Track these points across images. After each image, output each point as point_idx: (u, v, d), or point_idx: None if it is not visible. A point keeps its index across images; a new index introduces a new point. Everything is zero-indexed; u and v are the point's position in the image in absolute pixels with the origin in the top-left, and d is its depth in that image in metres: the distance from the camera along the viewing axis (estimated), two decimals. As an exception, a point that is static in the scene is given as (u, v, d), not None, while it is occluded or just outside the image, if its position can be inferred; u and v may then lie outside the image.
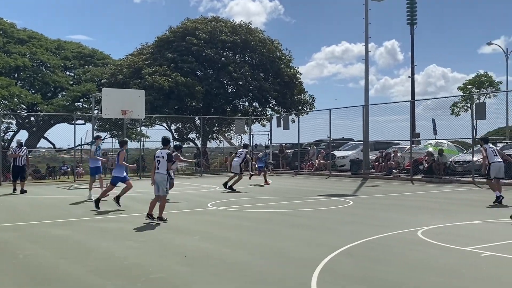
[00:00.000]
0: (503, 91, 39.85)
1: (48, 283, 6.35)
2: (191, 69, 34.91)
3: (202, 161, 31.88)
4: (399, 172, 24.81)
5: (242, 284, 6.10)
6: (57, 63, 42.47)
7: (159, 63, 34.58)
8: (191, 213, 12.63)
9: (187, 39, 35.35)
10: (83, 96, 41.76)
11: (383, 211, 12.87)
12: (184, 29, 36.53)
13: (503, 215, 11.54)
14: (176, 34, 36.50)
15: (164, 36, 37.25)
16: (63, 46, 44.82)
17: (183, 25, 37.36)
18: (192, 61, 35.04)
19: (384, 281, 6.10)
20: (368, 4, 25.06)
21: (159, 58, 35.29)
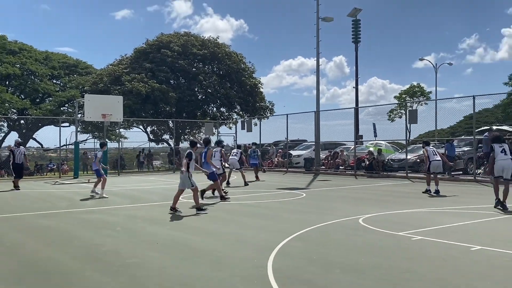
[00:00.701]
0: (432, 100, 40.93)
1: (32, 267, 6.16)
2: (166, 78, 34.58)
3: (175, 159, 31.53)
4: (345, 168, 25.11)
5: (206, 267, 6.05)
6: (45, 72, 41.69)
7: (137, 72, 34.11)
8: (164, 206, 12.46)
9: (162, 51, 35.00)
10: (68, 101, 41.26)
11: (330, 201, 12.99)
12: (159, 42, 36.15)
13: (432, 204, 11.83)
14: (152, 46, 36.09)
15: (141, 48, 36.78)
16: (51, 57, 44.01)
17: (159, 38, 36.99)
18: (167, 71, 34.72)
19: (330, 262, 6.15)
20: (319, 24, 25.29)
21: (137, 68, 34.82)
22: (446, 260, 6.19)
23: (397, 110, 51.78)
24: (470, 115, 23.94)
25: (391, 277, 5.48)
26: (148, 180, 22.68)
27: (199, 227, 9.00)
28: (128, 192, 16.48)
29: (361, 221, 9.37)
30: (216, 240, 7.72)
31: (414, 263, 6.07)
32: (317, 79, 26.39)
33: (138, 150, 35.43)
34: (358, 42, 40.38)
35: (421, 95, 55.57)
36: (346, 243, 7.35)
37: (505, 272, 5.59)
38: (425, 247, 6.97)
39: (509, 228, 8.48)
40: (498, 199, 10.87)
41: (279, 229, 8.59)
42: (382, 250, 6.82)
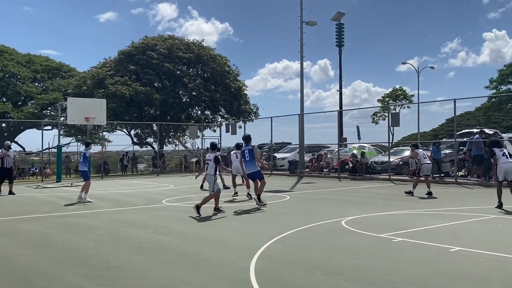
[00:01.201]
0: (415, 103, 41.39)
1: (15, 271, 6.11)
2: (150, 80, 34.46)
3: (159, 162, 31.41)
4: (328, 171, 25.28)
5: (189, 270, 6.06)
6: (27, 75, 41.26)
7: (122, 74, 33.93)
8: (147, 209, 12.42)
9: (148, 53, 34.87)
10: (51, 104, 40.83)
11: (314, 204, 13.08)
12: (145, 45, 36.01)
13: (413, 207, 11.98)
14: (138, 48, 35.92)
15: (126, 50, 36.58)
16: (33, 60, 43.61)
17: (144, 41, 36.84)
18: (152, 74, 34.59)
19: (311, 264, 6.21)
20: (303, 28, 25.47)
21: (121, 70, 34.61)
22: (426, 261, 6.29)
23: (380, 113, 52.36)
24: (452, 118, 24.31)
25: (372, 278, 5.56)
26: (132, 183, 22.56)
27: (182, 231, 9.00)
28: (111, 195, 16.38)
29: (343, 223, 9.45)
30: (198, 243, 7.74)
31: (395, 264, 6.16)
32: (301, 82, 26.57)
33: (122, 153, 35.21)
34: (341, 46, 40.73)
35: (404, 98, 56.26)
36: (328, 245, 7.42)
37: (482, 272, 5.70)
38: (405, 249, 7.07)
39: (487, 229, 8.64)
40: (500, 202, 11.10)
41: (262, 232, 8.62)
42: (363, 252, 6.90)
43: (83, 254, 7.09)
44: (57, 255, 7.07)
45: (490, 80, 55.35)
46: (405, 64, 50.13)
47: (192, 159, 35.55)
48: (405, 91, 57.64)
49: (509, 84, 54.61)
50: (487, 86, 55.75)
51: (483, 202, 12.56)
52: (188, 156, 36.80)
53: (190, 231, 8.96)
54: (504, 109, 53.74)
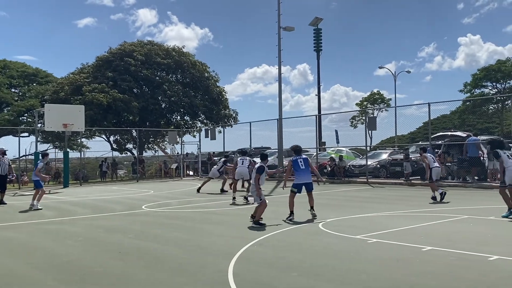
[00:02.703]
0: (392, 107, 42.10)
1: (-8, 280, 6.12)
2: (129, 87, 34.28)
3: (139, 168, 31.28)
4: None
5: (168, 273, 6.16)
6: (2, 81, 40.67)
7: (99, 81, 33.69)
8: (127, 215, 12.44)
9: (125, 59, 34.70)
10: (27, 111, 40.24)
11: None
12: (122, 51, 35.83)
13: (389, 208, 12.24)
14: (115, 55, 35.73)
15: (104, 56, 36.35)
16: (9, 65, 42.98)
17: (122, 47, 36.64)
18: (130, 80, 34.42)
19: (288, 266, 6.37)
20: (281, 33, 25.75)
21: (99, 77, 34.36)
22: (399, 261, 6.50)
23: (359, 117, 53.04)
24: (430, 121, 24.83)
25: (346, 278, 5.74)
26: (111, 189, 22.45)
27: (161, 235, 9.07)
28: (90, 202, 16.31)
29: (321, 225, 9.64)
30: (178, 247, 7.83)
31: (369, 265, 6.36)
32: (279, 87, 26.83)
33: (101, 159, 34.93)
34: (319, 51, 41.23)
35: (382, 102, 57.08)
36: (305, 247, 7.59)
37: (453, 271, 5.93)
38: (380, 249, 7.29)
39: (459, 229, 8.92)
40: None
41: (241, 235, 8.76)
42: (339, 253, 7.09)
43: (63, 260, 7.12)
44: (37, 261, 7.09)
45: (464, 84, 56.60)
46: (382, 68, 50.83)
47: (172, 164, 35.48)
48: (382, 95, 58.55)
49: (483, 87, 55.93)
50: (461, 90, 56.99)
51: (457, 203, 12.92)
52: (168, 161, 36.72)
53: (170, 236, 9.04)
54: (478, 112, 54.99)
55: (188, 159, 35.28)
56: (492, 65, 54.68)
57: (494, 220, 9.86)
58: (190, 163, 35.80)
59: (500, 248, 7.05)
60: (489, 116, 56.76)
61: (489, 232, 8.57)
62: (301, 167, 11.49)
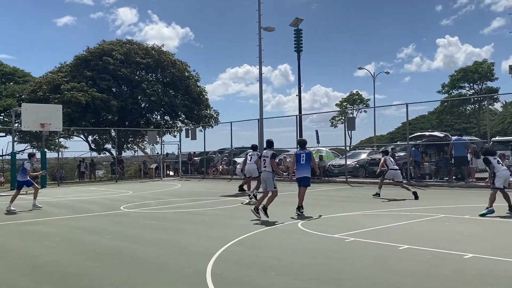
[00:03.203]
0: (371, 107, 42.53)
1: (-35, 283, 6.00)
2: (108, 86, 33.95)
3: (118, 168, 30.99)
4: (288, 174, 25.57)
5: (144, 274, 6.12)
6: (-22, 80, 39.83)
7: (78, 80, 33.30)
8: (105, 215, 12.31)
9: (104, 58, 34.36)
10: (4, 110, 39.62)
11: (272, 207, 13.20)
12: (101, 50, 35.46)
13: (368, 207, 12.37)
14: (94, 54, 35.34)
15: (82, 55, 35.93)
16: (-15, 64, 42.15)
17: (100, 46, 36.28)
18: (109, 79, 34.10)
19: (267, 265, 6.38)
20: (261, 34, 25.79)
21: (77, 76, 33.97)
22: (376, 259, 6.57)
23: (338, 117, 53.45)
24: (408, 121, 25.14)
25: (324, 276, 5.78)
26: (90, 190, 22.19)
27: (139, 236, 9.00)
28: (68, 202, 16.11)
29: (300, 225, 9.69)
30: (156, 248, 7.78)
31: (346, 263, 6.42)
32: (260, 87, 26.87)
33: (79, 159, 34.49)
34: (300, 51, 41.27)
35: (361, 103, 57.63)
36: (284, 247, 7.62)
37: (428, 269, 6.02)
38: (357, 248, 7.36)
39: (435, 228, 9.05)
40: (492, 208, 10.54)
41: (220, 235, 8.74)
42: (317, 252, 7.13)
43: (39, 261, 7.02)
44: (11, 263, 6.98)
45: (442, 85, 57.52)
46: (362, 69, 51.36)
47: (151, 165, 35.23)
48: (361, 96, 59.15)
49: (460, 88, 56.93)
50: (439, 91, 57.93)
51: (433, 202, 13.12)
52: (148, 162, 36.44)
53: (148, 236, 8.97)
54: (456, 112, 55.94)
55: (169, 159, 35.08)
56: (469, 66, 55.71)
57: (469, 219, 10.03)
58: (170, 163, 35.61)
59: (475, 246, 7.18)
60: (466, 117, 57.80)
61: (464, 230, 8.72)
62: (301, 161, 11.71)
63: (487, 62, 55.55)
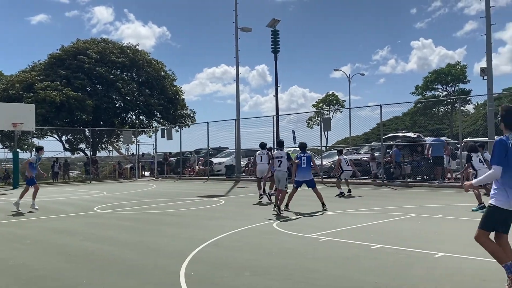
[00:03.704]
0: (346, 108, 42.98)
1: None
2: (82, 85, 33.45)
3: (92, 169, 30.55)
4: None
5: (118, 276, 6.04)
6: None
7: (52, 79, 32.72)
8: (78, 217, 12.11)
9: (79, 57, 33.86)
10: (-26, 109, 38.45)
11: (248, 208, 13.29)
12: (75, 49, 34.93)
13: (342, 207, 12.48)
14: (68, 52, 34.79)
15: (56, 54, 35.33)
16: (-46, 61, 41.02)
17: (75, 45, 35.73)
18: (84, 78, 33.60)
19: (241, 265, 6.38)
20: (238, 34, 25.77)
21: (51, 74, 33.38)
22: (350, 259, 6.63)
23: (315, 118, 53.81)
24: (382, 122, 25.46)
25: (298, 276, 5.80)
26: (63, 191, 21.81)
27: (112, 237, 8.89)
28: (40, 203, 15.75)
29: (275, 225, 9.71)
30: (129, 249, 7.69)
31: (320, 263, 6.46)
32: (237, 87, 26.84)
33: (52, 160, 33.87)
34: (277, 52, 41.37)
35: (337, 104, 58.15)
36: (258, 247, 7.62)
37: (401, 267, 6.10)
38: (331, 247, 7.41)
39: (407, 227, 9.19)
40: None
41: (195, 236, 8.70)
42: (291, 252, 7.16)
43: (7, 264, 6.86)
44: (-21, 266, 6.80)
45: (416, 86, 58.47)
46: (338, 70, 51.83)
47: (126, 165, 34.83)
48: (337, 97, 59.68)
49: (433, 90, 57.96)
50: (413, 92, 58.87)
51: (406, 202, 13.32)
52: (123, 162, 36.02)
53: (121, 237, 8.86)
54: (429, 113, 56.93)
55: (144, 159, 34.75)
56: (442, 68, 56.78)
57: (441, 218, 10.21)
58: (145, 164, 35.27)
59: (446, 245, 7.31)
60: (439, 118, 58.86)
61: (436, 230, 8.87)
62: (303, 165, 11.96)
63: (460, 64, 56.74)
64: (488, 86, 17.48)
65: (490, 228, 4.82)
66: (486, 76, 17.67)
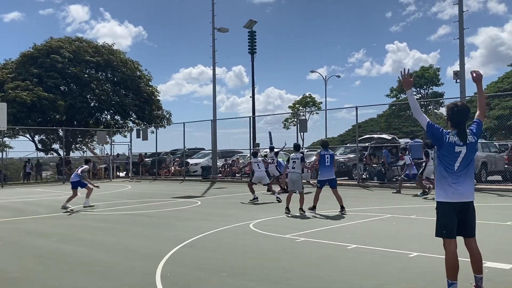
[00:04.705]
0: (323, 110, 43.34)
1: None
2: (55, 84, 32.88)
3: (65, 169, 30.04)
4: (241, 176, 25.64)
5: (92, 277, 5.96)
6: None
7: (24, 77, 32.05)
8: (51, 218, 11.90)
9: (52, 56, 33.27)
10: None
11: (224, 208, 13.27)
12: (48, 47, 34.30)
13: (318, 208, 12.55)
14: (41, 51, 34.13)
15: (28, 52, 34.62)
16: None
17: (48, 43, 35.08)
18: (57, 77, 33.03)
19: (217, 266, 6.36)
20: (215, 34, 25.72)
21: (23, 73, 32.71)
22: (325, 259, 6.69)
23: (291, 119, 54.10)
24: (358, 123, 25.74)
25: (274, 277, 5.82)
26: (35, 191, 21.39)
27: (86, 239, 8.76)
28: (12, 204, 15.46)
29: (251, 226, 9.72)
30: (103, 251, 7.60)
31: (296, 263, 6.49)
32: (213, 88, 26.79)
33: (24, 160, 33.16)
34: (254, 53, 41.48)
35: (313, 105, 58.57)
36: (235, 248, 7.62)
37: (376, 267, 6.18)
38: (307, 248, 7.46)
39: (382, 228, 9.31)
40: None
41: (170, 237, 8.64)
42: (268, 252, 7.18)
43: (-22, 266, 6.70)
44: None
45: (390, 89, 59.32)
46: (314, 72, 52.15)
47: (100, 165, 34.33)
48: (314, 98, 60.11)
49: (408, 93, 58.83)
50: (388, 95, 59.70)
51: (381, 203, 13.50)
52: (97, 162, 35.48)
53: (96, 239, 8.75)
54: (404, 116, 57.80)
55: (119, 160, 34.33)
56: (416, 72, 57.69)
57: (415, 219, 10.39)
58: (120, 164, 34.85)
59: (420, 245, 7.43)
60: (413, 120, 59.77)
61: (410, 230, 9.01)
62: (326, 163, 11.57)
63: (433, 67, 57.81)
64: (461, 89, 17.83)
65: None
66: (459, 79, 18.03)
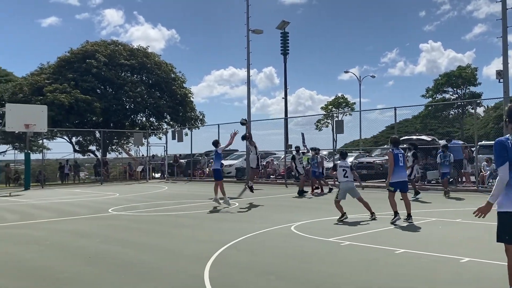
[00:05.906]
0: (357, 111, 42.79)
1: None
2: (91, 87, 33.57)
3: (102, 170, 30.64)
4: (275, 177, 25.57)
5: (139, 279, 6.00)
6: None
7: (60, 82, 32.84)
8: (93, 218, 12.11)
9: (87, 61, 33.93)
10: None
11: (263, 210, 13.23)
12: (84, 51, 35.02)
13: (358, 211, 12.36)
14: (77, 55, 34.89)
15: (65, 57, 35.43)
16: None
17: (84, 47, 35.80)
18: (92, 80, 33.71)
19: (264, 269, 6.33)
20: (249, 36, 25.74)
21: (60, 78, 33.50)
22: (372, 263, 6.56)
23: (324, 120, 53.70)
24: (391, 125, 25.30)
25: (321, 281, 5.73)
26: (74, 192, 21.87)
27: (130, 240, 8.86)
28: (54, 205, 15.83)
29: (293, 228, 9.65)
30: (148, 252, 7.66)
31: (342, 267, 6.39)
32: (248, 90, 26.76)
33: (61, 161, 33.96)
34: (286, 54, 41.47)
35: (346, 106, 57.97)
36: (279, 250, 7.56)
37: (426, 273, 6.02)
38: (353, 252, 7.34)
39: (428, 232, 9.08)
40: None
41: (213, 239, 8.65)
42: (313, 256, 7.09)
43: (32, 266, 6.86)
44: (3, 267, 6.80)
45: (426, 89, 58.14)
46: (347, 73, 51.52)
47: (137, 167, 34.87)
48: (347, 99, 59.47)
49: (444, 93, 57.59)
50: (423, 95, 58.54)
51: (423, 206, 13.19)
52: (133, 164, 36.06)
53: (139, 240, 8.83)
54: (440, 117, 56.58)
55: (154, 161, 34.77)
56: (453, 71, 56.37)
57: (461, 223, 10.09)
58: (156, 165, 35.29)
59: (470, 250, 7.22)
60: (450, 121, 58.49)
61: (458, 234, 8.77)
62: (400, 163, 10.49)
63: (470, 67, 56.31)
64: (504, 89, 17.26)
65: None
66: (502, 79, 17.48)
